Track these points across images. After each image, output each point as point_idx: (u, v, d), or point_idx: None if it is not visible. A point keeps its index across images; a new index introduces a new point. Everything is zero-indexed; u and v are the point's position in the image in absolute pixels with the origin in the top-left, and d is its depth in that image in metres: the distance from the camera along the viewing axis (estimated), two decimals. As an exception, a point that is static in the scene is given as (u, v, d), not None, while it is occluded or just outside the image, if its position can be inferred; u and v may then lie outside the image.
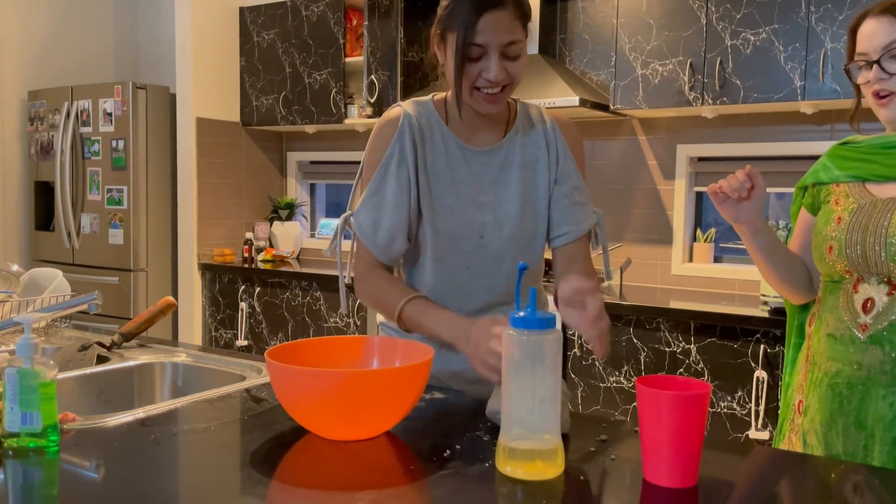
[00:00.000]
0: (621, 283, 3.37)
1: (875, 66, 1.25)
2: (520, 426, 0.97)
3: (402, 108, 1.41)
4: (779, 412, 1.50)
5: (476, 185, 1.40)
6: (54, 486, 0.94)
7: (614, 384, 2.83)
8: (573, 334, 2.90)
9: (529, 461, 0.96)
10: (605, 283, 3.39)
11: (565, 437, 1.12)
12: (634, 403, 2.79)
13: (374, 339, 1.27)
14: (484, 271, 1.41)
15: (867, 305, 1.24)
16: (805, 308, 1.47)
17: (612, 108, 3.13)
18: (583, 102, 3.02)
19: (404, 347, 1.24)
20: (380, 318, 1.57)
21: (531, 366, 0.96)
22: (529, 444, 0.96)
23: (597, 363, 2.86)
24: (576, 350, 2.90)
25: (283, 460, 1.01)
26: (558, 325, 0.96)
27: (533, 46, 3.33)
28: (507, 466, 0.96)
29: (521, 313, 0.96)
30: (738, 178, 1.30)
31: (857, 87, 1.35)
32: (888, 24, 1.25)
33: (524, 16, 1.31)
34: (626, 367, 2.81)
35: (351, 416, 1.05)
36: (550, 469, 0.96)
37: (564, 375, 2.91)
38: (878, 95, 1.27)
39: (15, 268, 1.96)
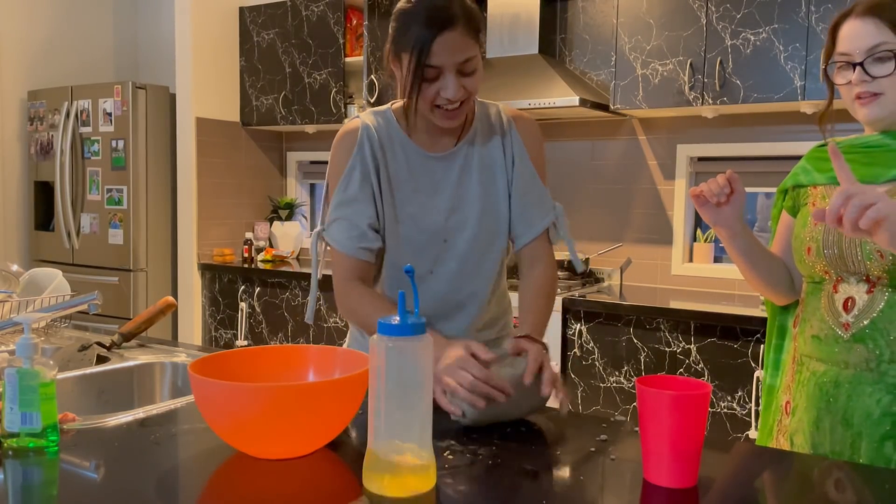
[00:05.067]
0: (621, 283, 3.37)
1: (858, 68, 1.24)
2: (388, 439, 0.90)
3: (359, 120, 1.43)
4: (760, 413, 1.49)
5: (437, 190, 1.42)
6: (54, 486, 0.94)
7: (614, 384, 2.83)
8: (573, 334, 2.90)
9: (398, 476, 0.90)
10: (580, 271, 3.40)
11: (565, 437, 1.12)
12: (634, 403, 2.78)
13: (310, 349, 1.20)
14: (447, 274, 1.44)
15: (848, 304, 1.25)
16: (785, 309, 1.48)
17: (612, 107, 3.13)
18: (583, 102, 3.02)
19: (343, 357, 1.17)
20: None
21: (397, 374, 0.89)
22: (398, 458, 0.90)
23: (597, 363, 2.85)
24: (576, 350, 2.90)
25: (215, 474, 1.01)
26: (427, 332, 0.91)
27: (533, 46, 3.33)
28: (374, 484, 0.90)
29: (396, 319, 0.90)
30: (719, 183, 1.31)
31: (831, 88, 1.35)
32: (872, 26, 1.24)
33: (476, 30, 1.31)
34: (626, 368, 2.81)
35: (282, 433, 0.97)
36: (421, 483, 0.91)
37: (563, 375, 2.91)
38: (859, 97, 1.26)
39: (15, 268, 1.96)
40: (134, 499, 0.88)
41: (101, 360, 1.61)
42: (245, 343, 3.90)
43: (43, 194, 4.51)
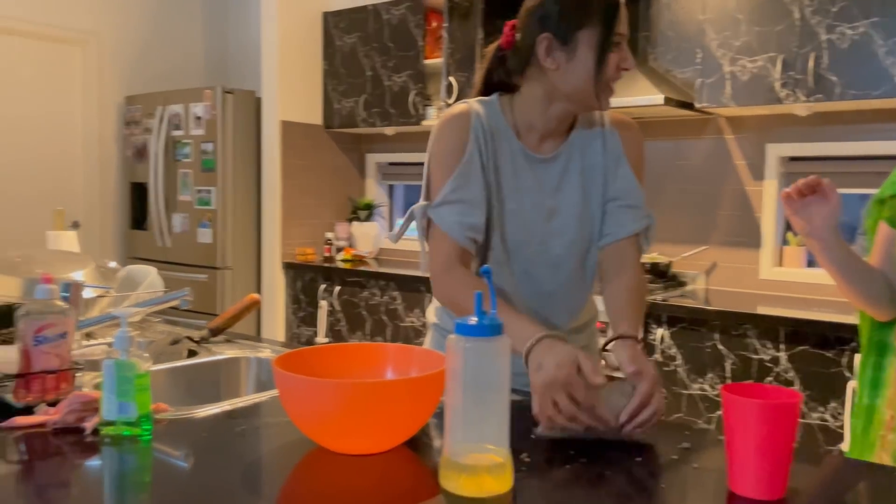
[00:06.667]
0: (707, 288, 3.27)
1: None
2: (465, 439, 0.90)
3: (469, 106, 1.38)
4: (851, 431, 1.41)
5: (539, 191, 1.39)
6: (147, 472, 0.99)
7: (698, 391, 2.75)
8: (655, 339, 2.83)
9: (475, 476, 0.89)
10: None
11: (646, 443, 1.10)
12: (719, 412, 2.70)
13: (388, 347, 1.21)
14: (542, 277, 1.40)
15: None
16: (883, 325, 1.39)
17: (697, 106, 3.04)
18: (667, 101, 2.95)
19: (420, 356, 1.17)
20: (431, 318, 1.56)
21: (474, 374, 0.89)
22: (475, 458, 0.90)
23: (679, 370, 2.78)
24: (657, 355, 2.83)
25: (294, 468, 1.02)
26: (504, 333, 0.90)
27: (615, 45, 3.27)
28: (451, 483, 0.90)
29: (474, 319, 0.89)
30: (808, 183, 1.28)
31: None
32: None
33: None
34: (710, 374, 2.72)
35: (361, 429, 0.98)
36: (498, 484, 0.90)
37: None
38: None
39: (112, 264, 2.06)
40: (221, 488, 0.91)
41: (191, 353, 1.67)
42: (325, 340, 3.98)
43: (138, 195, 4.74)
